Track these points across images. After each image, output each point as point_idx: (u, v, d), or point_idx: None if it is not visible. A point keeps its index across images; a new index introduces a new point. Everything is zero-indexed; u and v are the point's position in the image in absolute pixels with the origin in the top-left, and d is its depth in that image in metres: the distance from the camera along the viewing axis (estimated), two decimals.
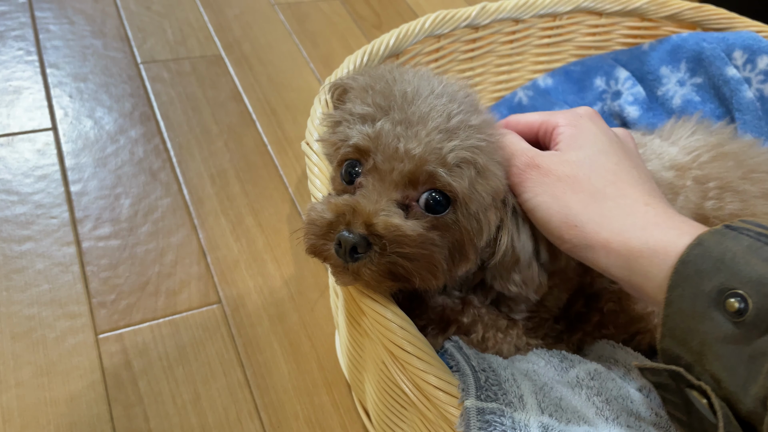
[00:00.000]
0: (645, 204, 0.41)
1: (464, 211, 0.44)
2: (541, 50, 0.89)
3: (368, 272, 0.42)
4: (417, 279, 0.43)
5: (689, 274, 0.34)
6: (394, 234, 0.42)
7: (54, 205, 0.83)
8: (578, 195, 0.42)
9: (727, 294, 0.32)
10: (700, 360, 0.34)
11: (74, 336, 0.70)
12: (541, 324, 0.59)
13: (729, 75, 0.81)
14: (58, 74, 1.03)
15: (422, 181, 0.44)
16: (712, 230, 0.35)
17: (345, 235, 0.41)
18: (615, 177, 0.43)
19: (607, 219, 0.41)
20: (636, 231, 0.39)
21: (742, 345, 0.32)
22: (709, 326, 0.33)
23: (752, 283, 0.32)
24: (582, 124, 0.46)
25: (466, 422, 0.43)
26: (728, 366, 0.32)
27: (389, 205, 0.43)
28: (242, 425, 0.66)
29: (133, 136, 0.95)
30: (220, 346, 0.72)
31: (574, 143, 0.45)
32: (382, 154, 0.44)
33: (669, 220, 0.39)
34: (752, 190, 0.63)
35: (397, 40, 0.71)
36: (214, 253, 0.81)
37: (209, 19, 1.19)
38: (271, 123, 1.01)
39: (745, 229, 0.34)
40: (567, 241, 0.42)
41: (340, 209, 0.43)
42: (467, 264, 0.47)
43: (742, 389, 0.32)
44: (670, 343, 0.35)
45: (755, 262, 0.32)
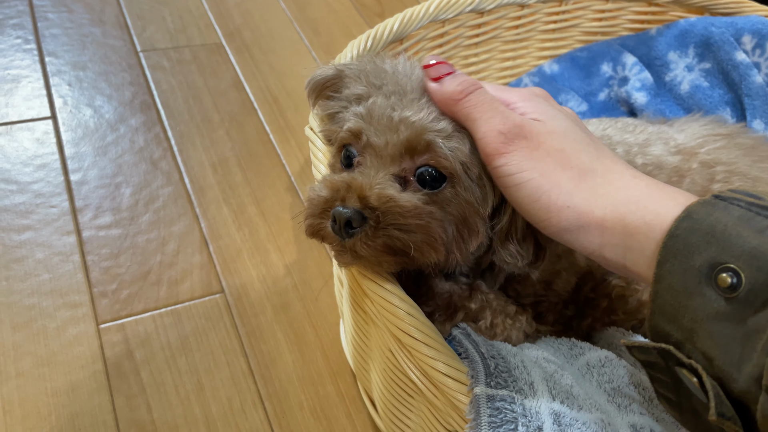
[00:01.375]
0: (633, 177, 0.38)
1: (463, 181, 0.43)
2: (546, 36, 0.88)
3: (365, 248, 0.41)
4: (416, 252, 0.42)
5: (678, 248, 0.32)
6: (388, 205, 0.41)
7: (54, 194, 0.82)
8: (567, 172, 0.38)
9: (719, 269, 0.30)
10: (690, 338, 0.32)
11: (75, 326, 0.70)
12: (550, 309, 0.59)
13: (738, 60, 0.80)
14: (56, 63, 1.01)
15: (420, 151, 0.43)
16: (701, 201, 0.33)
17: (339, 210, 0.41)
18: (597, 152, 0.40)
19: (600, 196, 0.38)
20: (630, 206, 0.36)
21: (735, 322, 0.30)
22: (701, 303, 0.31)
23: (745, 256, 0.30)
24: (539, 102, 0.42)
25: (475, 409, 0.42)
26: (721, 344, 0.31)
27: (385, 178, 0.43)
28: (246, 415, 0.65)
29: (133, 125, 0.93)
30: (223, 335, 0.71)
31: (546, 115, 0.41)
32: (376, 126, 0.43)
33: (661, 191, 0.37)
34: (763, 177, 0.62)
35: (401, 24, 0.70)
36: (217, 242, 0.80)
37: (209, 7, 1.18)
38: (272, 111, 0.99)
39: (735, 198, 0.32)
40: (555, 224, 0.39)
41: (335, 186, 0.43)
42: (477, 237, 0.46)
43: (736, 368, 0.30)
44: (659, 320, 0.34)
45: (747, 234, 0.30)
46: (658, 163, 0.61)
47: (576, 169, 0.39)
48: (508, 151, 0.39)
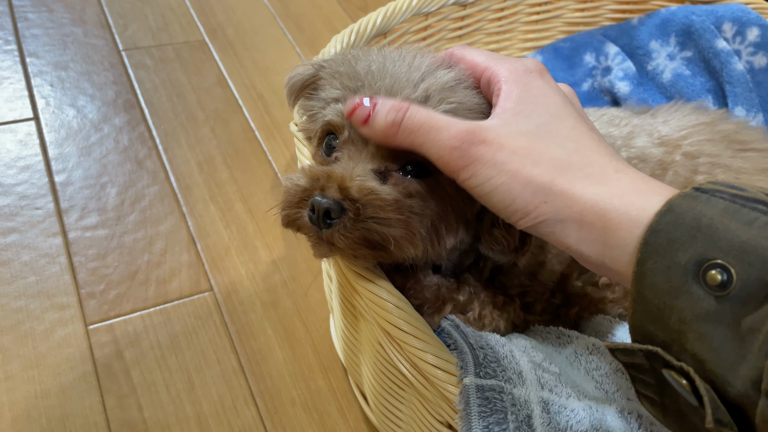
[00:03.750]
0: (615, 171, 0.36)
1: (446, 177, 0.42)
2: (529, 27, 0.88)
3: (342, 239, 0.40)
4: (394, 247, 0.41)
5: (661, 244, 0.30)
6: (369, 197, 0.40)
7: (38, 195, 0.82)
8: (540, 167, 0.36)
9: (707, 265, 0.29)
10: (678, 339, 0.30)
11: (63, 327, 0.69)
12: (538, 299, 0.59)
13: (719, 48, 0.81)
14: (38, 63, 1.00)
15: (401, 151, 0.42)
16: (682, 194, 0.31)
17: (318, 200, 0.40)
18: (576, 144, 0.38)
19: (578, 191, 0.35)
20: (613, 200, 0.34)
21: (727, 322, 0.28)
22: (688, 302, 0.29)
23: (735, 251, 0.28)
24: (530, 82, 0.39)
25: (465, 400, 0.42)
26: (713, 345, 0.29)
27: (366, 171, 0.42)
28: (238, 412, 0.65)
29: (117, 124, 0.93)
30: (213, 333, 0.71)
31: (523, 108, 0.38)
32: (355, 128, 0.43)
33: (646, 185, 0.35)
34: (746, 167, 0.63)
35: (384, 18, 0.70)
36: (204, 240, 0.80)
37: (191, 4, 1.17)
38: (257, 108, 0.99)
39: (717, 191, 0.30)
40: (532, 220, 0.37)
41: (315, 175, 0.42)
42: (455, 234, 0.46)
43: (731, 370, 0.28)
44: (642, 319, 0.32)
45: (735, 227, 0.28)
46: (642, 155, 0.62)
47: (549, 164, 0.36)
48: (468, 162, 0.37)
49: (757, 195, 0.29)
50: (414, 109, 0.39)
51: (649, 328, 0.32)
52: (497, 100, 0.40)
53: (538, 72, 0.41)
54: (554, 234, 0.37)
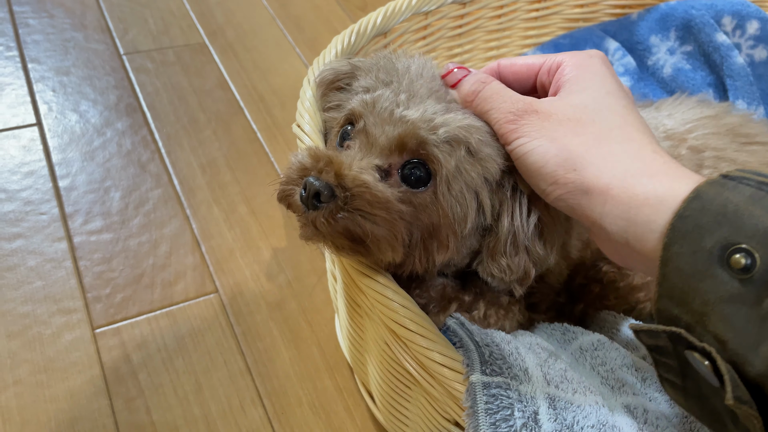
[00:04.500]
0: (653, 151, 0.37)
1: (446, 191, 0.43)
2: (529, 24, 0.88)
3: (324, 224, 0.41)
4: (372, 244, 0.42)
5: (688, 229, 0.32)
6: (360, 189, 0.41)
7: (43, 201, 0.82)
8: (580, 137, 0.38)
9: (732, 249, 0.30)
10: (701, 321, 0.31)
11: (71, 332, 0.70)
12: (543, 299, 0.59)
13: (719, 41, 0.81)
14: (39, 69, 1.01)
15: (409, 149, 0.43)
16: (710, 181, 0.32)
17: (311, 180, 0.40)
18: (623, 120, 0.39)
19: (610, 163, 0.37)
20: (642, 177, 0.35)
21: (750, 303, 0.29)
22: (712, 285, 0.30)
23: (759, 236, 0.29)
24: (591, 63, 0.43)
25: (472, 397, 0.43)
26: (735, 326, 0.30)
27: (368, 165, 0.43)
28: (245, 413, 0.65)
29: (119, 128, 0.93)
30: (219, 335, 0.71)
31: (579, 84, 0.41)
32: (376, 117, 0.44)
33: (679, 170, 0.36)
34: (750, 161, 0.63)
35: (384, 18, 0.70)
36: (208, 242, 0.80)
37: (191, 7, 1.17)
38: (259, 109, 0.99)
39: (744, 178, 0.31)
40: (561, 187, 0.38)
41: (318, 156, 0.43)
42: (446, 253, 0.46)
43: (752, 350, 0.29)
44: (667, 303, 0.33)
45: (760, 214, 0.29)
46: None
47: (590, 135, 0.38)
48: (518, 125, 0.40)
49: None
50: (494, 83, 0.44)
51: (673, 311, 0.33)
52: (559, 79, 0.43)
53: (599, 57, 0.43)
54: (580, 206, 0.38)
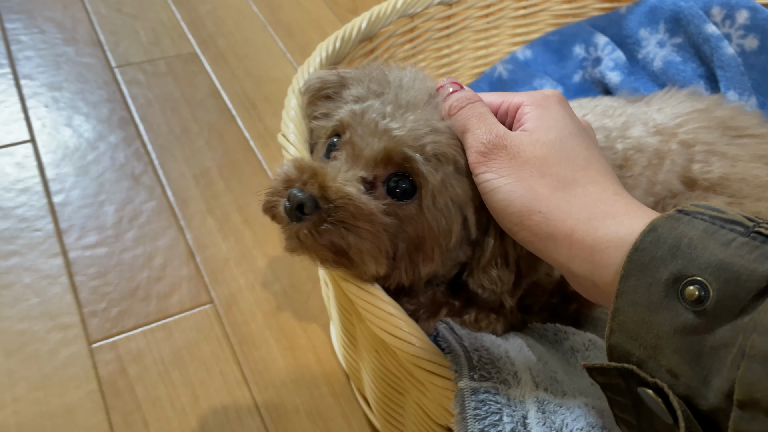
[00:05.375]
0: (614, 193, 0.38)
1: (430, 204, 0.43)
2: (517, 22, 0.88)
3: (308, 236, 0.41)
4: (355, 256, 0.42)
5: (644, 262, 0.32)
6: (343, 201, 0.41)
7: (37, 217, 0.82)
8: (546, 179, 0.39)
9: (686, 281, 0.30)
10: (654, 355, 0.31)
11: (67, 347, 0.70)
12: (536, 300, 0.59)
13: (708, 32, 0.80)
14: (32, 85, 1.01)
15: (394, 163, 0.43)
16: (665, 215, 0.33)
17: (294, 192, 0.40)
18: (586, 163, 0.40)
19: (575, 206, 0.37)
20: (606, 220, 0.36)
21: (703, 335, 0.29)
22: (666, 317, 0.31)
23: (712, 268, 0.29)
24: (550, 105, 0.43)
25: (460, 403, 0.42)
26: (688, 359, 0.30)
27: (353, 177, 0.43)
28: (243, 423, 0.65)
29: (112, 142, 0.93)
30: (215, 346, 0.71)
31: (543, 123, 0.41)
32: (363, 128, 0.43)
33: (639, 209, 0.36)
34: (741, 154, 0.62)
35: (369, 23, 0.70)
36: (203, 253, 0.80)
37: (182, 17, 1.18)
38: (251, 117, 0.99)
39: (698, 213, 0.32)
40: (526, 228, 0.39)
41: (303, 168, 0.42)
42: (431, 265, 0.46)
43: (704, 384, 0.29)
44: (619, 338, 0.33)
45: (713, 247, 0.30)
46: (638, 146, 0.61)
47: (555, 177, 0.39)
48: (487, 159, 0.41)
49: (735, 217, 0.31)
50: (478, 104, 0.44)
51: (626, 346, 0.33)
52: (520, 120, 0.43)
53: (556, 98, 0.44)
54: (546, 250, 0.38)
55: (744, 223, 0.30)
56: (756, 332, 0.28)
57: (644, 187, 0.60)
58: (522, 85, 0.86)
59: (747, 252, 0.29)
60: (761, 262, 0.29)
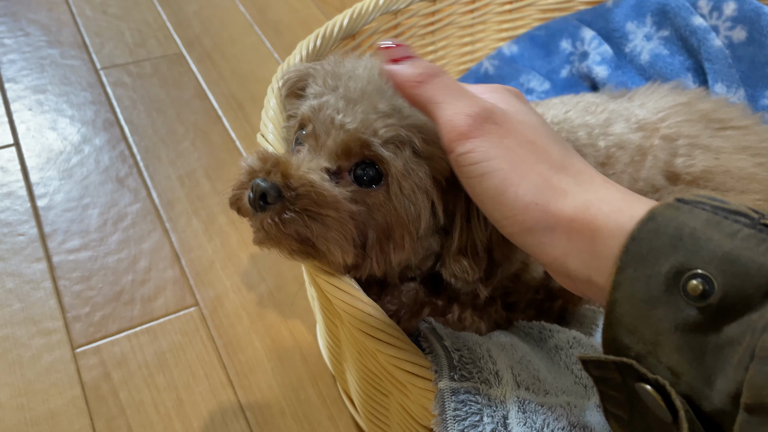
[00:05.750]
0: (604, 180, 0.35)
1: (398, 190, 0.42)
2: (503, 17, 0.87)
3: (272, 226, 0.40)
4: (321, 245, 0.41)
5: (642, 252, 0.30)
6: (306, 189, 0.40)
7: (21, 221, 0.82)
8: (540, 165, 0.35)
9: (688, 275, 0.28)
10: (654, 351, 0.29)
11: (50, 353, 0.69)
12: (521, 298, 0.58)
13: (695, 25, 0.79)
14: (16, 88, 1.00)
15: (355, 152, 0.42)
16: (665, 203, 0.31)
17: (257, 181, 0.40)
18: (567, 151, 0.37)
19: (570, 195, 0.34)
20: (602, 206, 0.33)
21: (707, 332, 0.28)
22: (667, 312, 0.29)
23: (717, 261, 0.27)
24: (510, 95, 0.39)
25: (440, 404, 0.42)
26: (690, 357, 0.28)
27: (317, 167, 0.42)
28: (228, 426, 0.64)
29: (97, 144, 0.93)
30: (200, 349, 0.70)
31: (516, 107, 0.38)
32: (320, 124, 0.43)
33: (632, 195, 0.34)
34: (725, 146, 0.61)
35: (351, 20, 0.69)
36: (188, 255, 0.80)
37: (168, 18, 1.17)
38: (237, 117, 0.99)
39: (699, 202, 0.30)
40: (519, 222, 0.35)
41: (266, 158, 0.42)
42: (402, 253, 0.45)
43: (707, 384, 0.28)
44: (617, 331, 0.31)
45: (718, 238, 0.28)
46: (620, 143, 0.60)
47: (548, 164, 0.35)
48: (475, 135, 0.35)
49: (739, 208, 0.29)
50: (448, 74, 0.38)
51: (624, 340, 0.31)
52: None
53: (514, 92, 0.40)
54: (541, 245, 0.35)
55: (749, 214, 0.28)
56: (767, 332, 0.26)
57: (626, 184, 0.60)
58: (509, 81, 0.85)
59: (754, 244, 0.27)
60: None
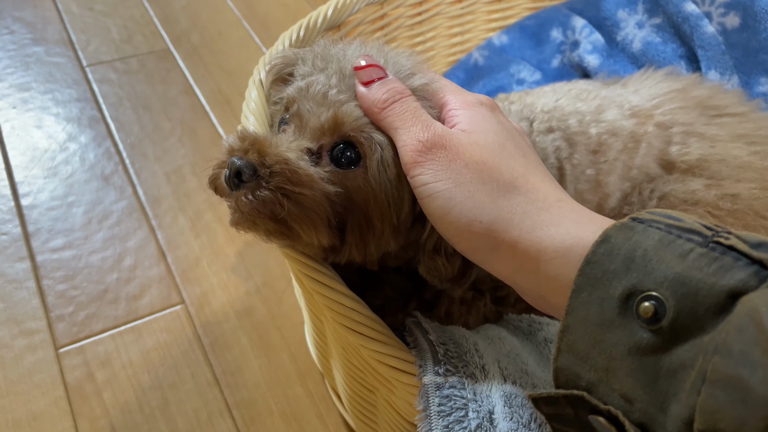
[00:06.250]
0: (558, 200, 0.35)
1: (376, 173, 0.41)
2: (492, 7, 0.86)
3: (245, 203, 0.39)
4: (294, 224, 0.40)
5: (596, 275, 0.29)
6: (282, 166, 0.39)
7: (4, 221, 0.80)
8: (486, 186, 0.36)
9: (640, 297, 0.28)
10: (606, 378, 0.29)
11: (33, 353, 0.68)
12: (512, 291, 0.57)
13: (688, 11, 0.78)
14: (0, 86, 0.99)
15: (340, 131, 0.41)
16: (619, 224, 0.30)
17: (233, 159, 0.39)
18: (524, 169, 0.37)
19: (517, 216, 0.35)
20: (550, 228, 0.33)
21: (659, 355, 0.27)
22: (620, 336, 0.28)
23: (668, 282, 0.27)
24: (481, 111, 0.40)
25: (425, 399, 0.41)
26: (644, 381, 0.27)
27: (295, 146, 0.41)
28: (214, 426, 0.63)
29: (83, 142, 0.91)
30: (186, 347, 0.69)
31: (479, 126, 0.39)
32: (309, 100, 0.42)
33: (585, 215, 0.34)
34: (720, 134, 0.60)
35: (335, 11, 0.68)
36: (174, 252, 0.78)
37: (155, 13, 1.15)
38: (225, 113, 0.97)
39: (653, 221, 0.29)
40: (466, 240, 0.36)
41: (244, 137, 0.41)
42: (379, 240, 0.43)
43: (661, 410, 0.27)
44: (568, 360, 0.30)
45: (669, 258, 0.27)
46: (612, 129, 0.59)
47: (495, 184, 0.36)
48: (424, 160, 0.37)
49: (693, 226, 0.28)
50: (410, 99, 0.40)
51: (575, 369, 0.30)
52: (451, 122, 0.40)
53: (488, 106, 0.41)
54: (490, 264, 0.36)
55: (702, 232, 0.28)
56: (718, 354, 0.25)
57: (620, 172, 0.58)
58: (499, 72, 0.84)
59: (705, 264, 0.27)
60: (720, 276, 0.26)
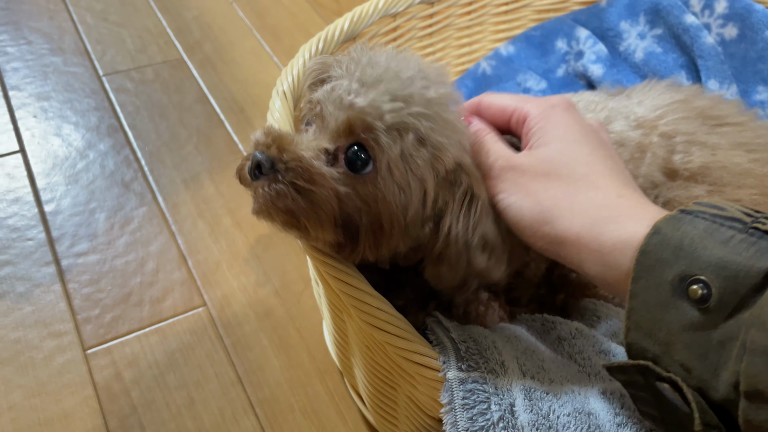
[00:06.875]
0: (618, 196, 0.40)
1: (387, 176, 0.43)
2: (499, 18, 0.89)
3: (262, 195, 0.42)
4: (303, 218, 0.43)
5: (650, 264, 0.34)
6: (297, 163, 0.42)
7: (29, 227, 0.83)
8: (549, 192, 0.42)
9: (690, 281, 0.32)
10: (668, 351, 0.33)
11: (62, 354, 0.70)
12: (524, 293, 0.60)
13: (688, 23, 0.81)
14: (20, 96, 1.01)
15: (353, 133, 0.44)
16: (668, 216, 0.35)
17: (255, 153, 0.42)
18: (588, 168, 0.42)
19: (578, 214, 0.40)
20: (609, 224, 0.38)
21: (709, 330, 0.32)
22: (675, 315, 0.33)
23: (712, 267, 0.31)
24: (553, 115, 0.45)
25: (449, 393, 0.43)
26: (697, 353, 0.32)
27: (316, 147, 0.44)
28: (238, 423, 0.66)
29: (102, 150, 0.94)
30: (209, 348, 0.72)
31: (544, 137, 0.44)
32: (331, 103, 0.45)
33: (642, 210, 0.38)
34: (721, 143, 0.63)
35: (352, 23, 0.71)
36: (195, 256, 0.81)
37: (168, 24, 1.18)
38: (239, 121, 1.00)
39: (699, 212, 0.34)
40: (539, 239, 0.42)
41: (270, 133, 0.44)
42: (390, 242, 0.46)
43: (714, 376, 0.32)
44: (636, 336, 0.35)
45: (713, 246, 0.32)
46: (620, 140, 0.62)
47: (558, 190, 0.41)
48: (500, 181, 0.44)
49: (734, 213, 0.33)
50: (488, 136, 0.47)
51: (642, 343, 0.35)
52: (527, 132, 0.46)
53: (561, 106, 0.46)
54: (560, 256, 0.42)
55: (742, 219, 0.32)
56: (754, 327, 0.29)
57: None
58: (506, 81, 0.87)
59: (744, 249, 0.31)
60: (758, 258, 0.30)
